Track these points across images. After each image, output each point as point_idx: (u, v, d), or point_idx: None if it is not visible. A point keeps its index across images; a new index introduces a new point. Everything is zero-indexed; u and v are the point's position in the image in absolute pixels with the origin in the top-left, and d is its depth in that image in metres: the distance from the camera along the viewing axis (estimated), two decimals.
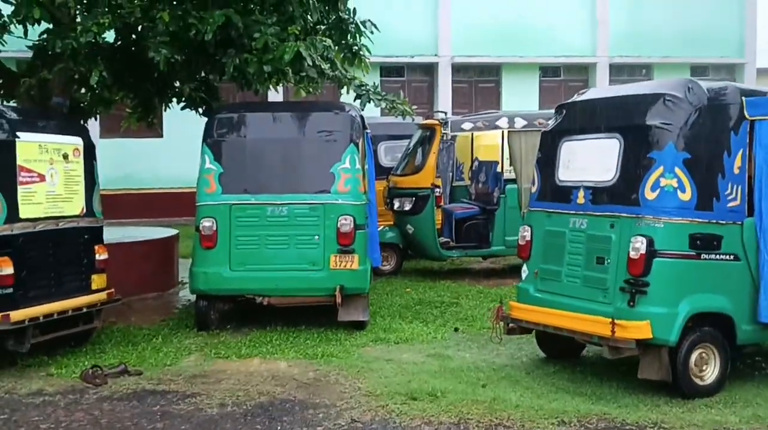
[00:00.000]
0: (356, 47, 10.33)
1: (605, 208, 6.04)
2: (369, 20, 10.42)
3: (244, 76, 9.39)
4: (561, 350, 6.98)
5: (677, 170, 5.70)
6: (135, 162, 21.45)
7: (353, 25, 10.34)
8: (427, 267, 12.21)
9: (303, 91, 10.00)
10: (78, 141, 7.47)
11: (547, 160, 6.71)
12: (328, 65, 9.16)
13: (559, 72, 24.64)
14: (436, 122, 11.17)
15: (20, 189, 6.70)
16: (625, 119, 6.01)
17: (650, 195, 5.74)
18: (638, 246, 5.71)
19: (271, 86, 10.47)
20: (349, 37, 10.36)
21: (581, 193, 6.26)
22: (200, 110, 10.45)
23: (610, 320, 5.71)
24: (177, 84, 10.44)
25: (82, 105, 10.43)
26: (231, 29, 8.73)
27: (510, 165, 11.20)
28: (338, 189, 8.04)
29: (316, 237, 8.00)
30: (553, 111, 11.88)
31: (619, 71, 24.43)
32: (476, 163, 14.19)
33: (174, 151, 20.70)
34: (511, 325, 6.77)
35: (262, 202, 8.04)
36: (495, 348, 7.45)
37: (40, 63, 9.49)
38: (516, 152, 11.01)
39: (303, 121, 8.31)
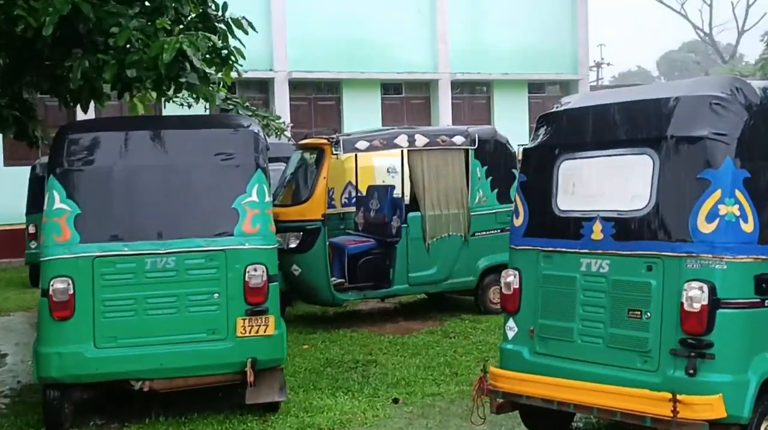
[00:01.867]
0: (225, 51, 8.38)
1: (638, 245, 4.64)
2: (244, 18, 8.53)
3: (91, 87, 7.23)
4: (551, 425, 5.53)
5: (738, 194, 4.41)
6: None
7: (223, 24, 8.40)
8: (309, 313, 10.41)
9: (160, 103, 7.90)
10: None
11: (537, 185, 5.24)
12: (213, 69, 7.23)
13: (401, 89, 23.70)
14: (325, 142, 9.45)
15: None
16: (659, 129, 4.65)
17: (706, 227, 4.41)
18: (696, 294, 4.35)
19: (127, 99, 8.23)
20: (217, 38, 8.41)
21: (597, 227, 4.82)
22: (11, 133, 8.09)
23: (670, 395, 4.31)
24: None
25: None
26: (79, 22, 6.60)
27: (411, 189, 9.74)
28: (244, 230, 6.11)
29: (216, 295, 6.02)
30: (442, 127, 11.02)
31: (461, 88, 23.92)
32: (350, 188, 12.61)
33: None
34: (500, 400, 5.20)
35: (139, 251, 5.95)
36: (460, 425, 5.87)
37: None
38: (418, 174, 9.54)
39: (192, 142, 6.31)
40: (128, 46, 6.64)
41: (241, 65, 8.21)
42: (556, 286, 5.02)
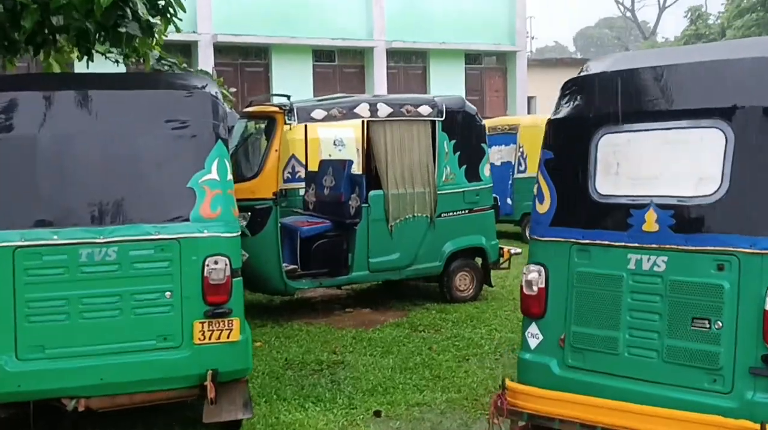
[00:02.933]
0: (163, 1, 7.15)
1: (705, 239, 3.84)
2: None
3: (5, 37, 5.98)
4: None
5: None
6: None
7: None
8: (252, 302, 9.31)
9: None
10: None
11: (567, 164, 4.38)
12: (158, 17, 6.08)
13: (334, 56, 22.56)
14: (277, 110, 8.35)
15: None
16: (735, 97, 3.83)
17: None
18: None
19: (42, 58, 6.92)
20: None
21: (651, 216, 4.00)
22: None
23: (758, 427, 3.54)
24: None
25: None
26: None
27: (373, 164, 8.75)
28: (202, 214, 5.02)
29: (168, 294, 4.93)
30: (406, 96, 9.99)
31: (396, 57, 22.96)
32: (293, 162, 11.55)
33: None
34: (524, 423, 4.36)
35: (72, 240, 4.80)
36: None
37: None
38: (380, 148, 8.56)
39: (137, 105, 5.14)
40: None
41: (181, 19, 7.05)
42: (596, 286, 4.19)
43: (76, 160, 4.94)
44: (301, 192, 11.37)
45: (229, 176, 5.20)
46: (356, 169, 9.58)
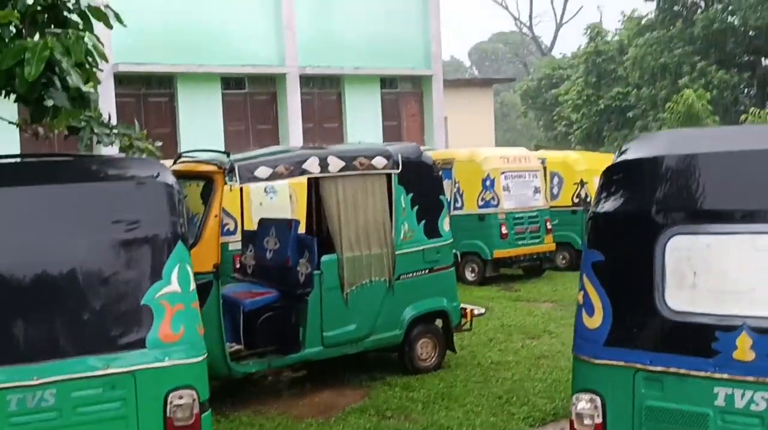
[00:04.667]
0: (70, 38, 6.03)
1: None
2: (107, 6, 6.26)
3: None
4: None
5: None
6: None
7: (76, 13, 6.09)
8: None
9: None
10: None
11: (625, 268, 3.66)
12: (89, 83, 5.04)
13: (244, 84, 21.41)
14: (215, 169, 7.33)
15: None
16: None
17: None
18: None
19: None
20: (69, 34, 6.08)
21: (744, 341, 3.32)
22: None
23: None
24: None
25: None
26: None
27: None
28: (161, 337, 4.04)
29: None
30: (358, 147, 9.08)
31: (310, 83, 22.03)
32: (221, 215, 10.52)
33: None
34: None
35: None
36: None
37: None
38: (332, 207, 7.67)
39: (75, 204, 4.10)
40: None
41: (101, 70, 6.00)
42: (672, 426, 3.47)
43: (3, 279, 3.86)
44: (230, 247, 10.38)
45: (192, 286, 4.24)
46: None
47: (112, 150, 7.24)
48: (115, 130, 6.80)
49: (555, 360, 8.25)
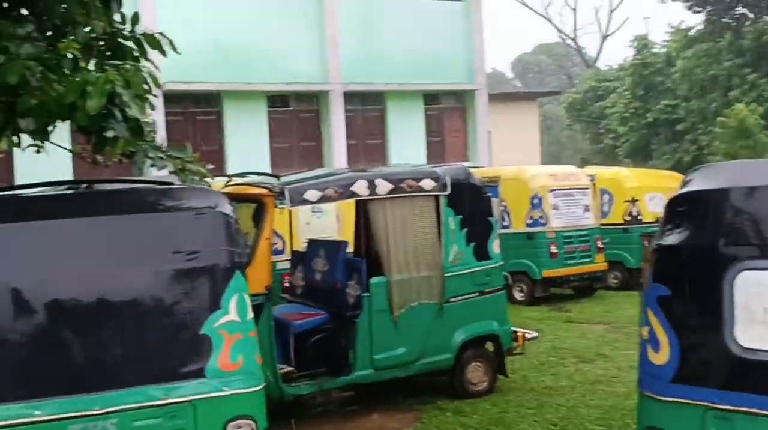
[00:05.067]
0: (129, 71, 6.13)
1: None
2: (161, 33, 6.38)
3: None
4: None
5: None
6: None
7: (132, 41, 6.21)
8: None
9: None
10: None
11: (692, 303, 3.58)
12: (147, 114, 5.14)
13: (289, 101, 21.61)
14: (266, 192, 7.40)
15: None
16: None
17: None
18: None
19: None
20: (128, 66, 6.18)
21: None
22: None
23: None
24: None
25: None
26: None
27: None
28: (220, 366, 4.07)
29: None
30: (407, 169, 9.06)
31: (353, 100, 22.14)
32: (280, 241, 10.59)
33: None
34: None
35: (60, 415, 3.78)
36: None
37: None
38: (381, 229, 7.68)
39: (135, 234, 4.16)
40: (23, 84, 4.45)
41: (155, 96, 6.08)
42: None
43: (62, 309, 3.93)
44: (279, 266, 10.43)
45: (250, 315, 4.27)
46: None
47: (162, 171, 7.33)
48: (168, 153, 6.89)
49: (610, 385, 8.09)
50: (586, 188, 13.97)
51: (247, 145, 20.48)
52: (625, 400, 7.46)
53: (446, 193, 7.97)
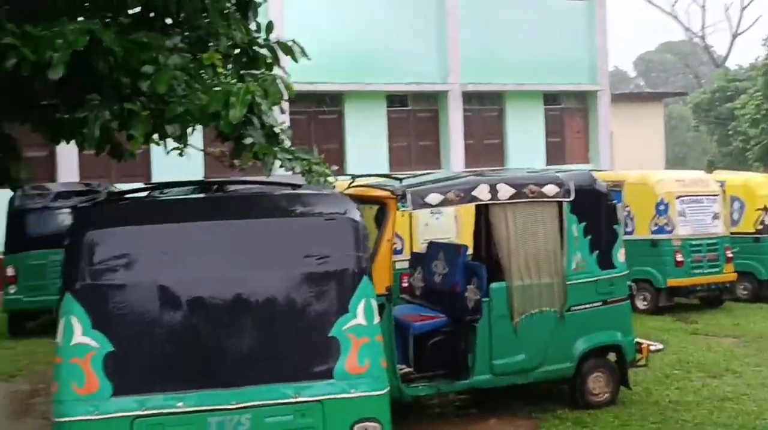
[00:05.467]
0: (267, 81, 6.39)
1: None
2: (293, 41, 6.62)
3: (109, 141, 5.30)
4: None
5: None
6: None
7: (266, 49, 6.47)
8: None
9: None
10: None
11: None
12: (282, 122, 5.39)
13: (407, 101, 21.82)
14: (389, 194, 7.54)
15: None
16: None
17: None
18: None
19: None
20: (266, 76, 6.46)
21: None
22: None
23: None
24: None
25: None
26: (98, 59, 4.66)
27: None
28: (347, 369, 4.21)
29: None
30: (529, 174, 8.99)
31: (471, 100, 22.10)
32: (399, 241, 10.74)
33: None
34: None
35: (200, 407, 4.02)
36: None
37: None
38: (502, 234, 7.66)
39: (271, 238, 4.36)
40: (170, 93, 4.73)
41: (287, 101, 6.29)
42: None
43: (202, 307, 4.16)
44: (397, 266, 10.58)
45: (377, 319, 4.37)
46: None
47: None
48: (295, 155, 7.13)
49: (740, 403, 7.75)
50: (716, 195, 13.40)
51: (366, 145, 20.82)
52: (755, 419, 7.15)
53: (570, 199, 7.85)
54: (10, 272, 12.34)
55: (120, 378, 3.96)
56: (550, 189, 7.82)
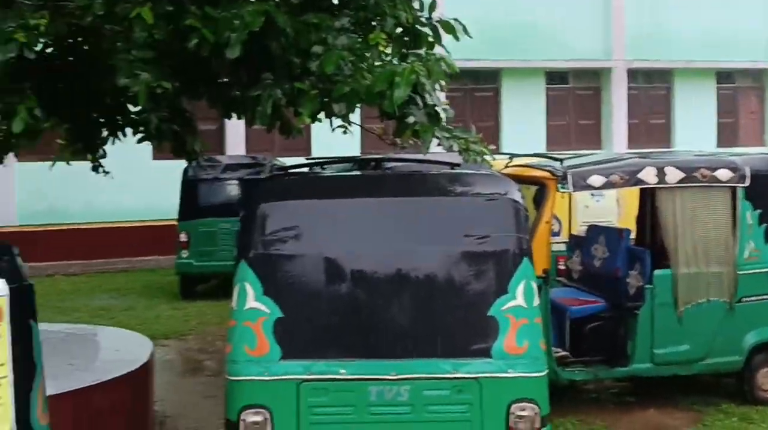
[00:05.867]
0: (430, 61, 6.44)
1: None
2: (456, 19, 6.62)
3: (279, 118, 5.54)
4: None
5: None
6: (61, 191, 16.83)
7: (428, 27, 6.50)
8: None
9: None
10: None
11: None
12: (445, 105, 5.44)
13: (567, 79, 21.25)
14: (549, 175, 7.43)
15: None
16: None
17: None
18: None
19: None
20: (423, 47, 6.51)
21: None
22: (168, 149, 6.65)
23: None
24: (135, 108, 6.59)
25: None
26: (271, 39, 4.87)
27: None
28: (505, 348, 4.22)
29: None
30: (699, 157, 8.54)
31: (637, 77, 21.22)
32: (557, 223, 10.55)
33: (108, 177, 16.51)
34: None
35: (361, 376, 4.17)
36: None
37: None
38: (669, 220, 7.35)
39: (435, 216, 4.43)
40: (337, 73, 4.88)
41: (449, 80, 6.30)
42: None
43: (366, 280, 4.30)
44: (553, 248, 10.40)
45: (537, 301, 4.34)
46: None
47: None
48: (453, 134, 7.15)
49: None
50: None
51: (524, 123, 20.49)
52: None
53: (744, 185, 7.42)
54: (183, 237, 13.13)
55: (288, 343, 4.17)
56: (724, 174, 7.42)
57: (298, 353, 4.17)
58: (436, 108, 5.29)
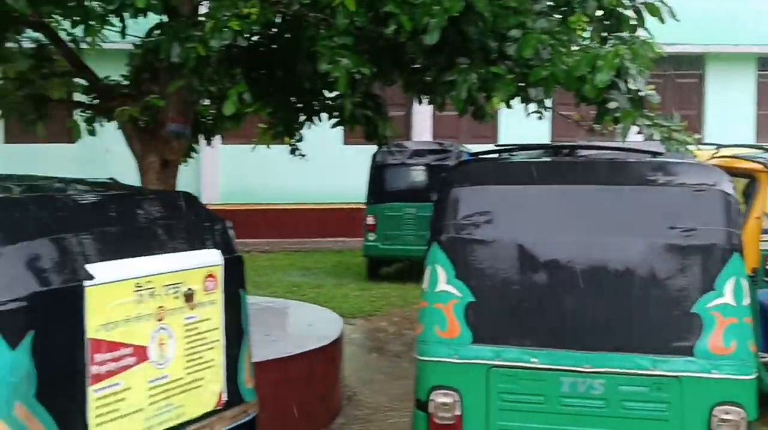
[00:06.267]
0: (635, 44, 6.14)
1: None
2: (661, 1, 6.30)
3: (473, 103, 5.51)
4: None
5: None
6: (258, 173, 17.84)
7: (631, 10, 6.21)
8: None
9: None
10: (212, 258, 3.46)
11: None
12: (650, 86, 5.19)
13: None
14: (760, 167, 6.90)
15: (94, 394, 2.88)
16: None
17: None
18: None
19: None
20: (624, 30, 6.22)
21: None
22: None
23: None
24: (331, 94, 6.83)
25: (202, 120, 6.99)
26: (469, 24, 4.84)
27: None
28: (710, 348, 3.96)
29: None
30: None
31: None
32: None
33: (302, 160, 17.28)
34: None
35: (553, 366, 4.08)
36: None
37: (148, 77, 5.97)
38: None
39: (637, 207, 4.24)
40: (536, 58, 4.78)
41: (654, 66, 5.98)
42: None
43: (565, 272, 4.18)
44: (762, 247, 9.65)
45: (747, 300, 4.04)
46: None
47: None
48: (654, 121, 6.79)
49: None
50: None
51: (730, 111, 19.15)
52: None
53: None
54: (370, 220, 13.48)
55: (479, 327, 4.16)
56: None
57: (488, 339, 4.15)
58: (640, 93, 5.04)
